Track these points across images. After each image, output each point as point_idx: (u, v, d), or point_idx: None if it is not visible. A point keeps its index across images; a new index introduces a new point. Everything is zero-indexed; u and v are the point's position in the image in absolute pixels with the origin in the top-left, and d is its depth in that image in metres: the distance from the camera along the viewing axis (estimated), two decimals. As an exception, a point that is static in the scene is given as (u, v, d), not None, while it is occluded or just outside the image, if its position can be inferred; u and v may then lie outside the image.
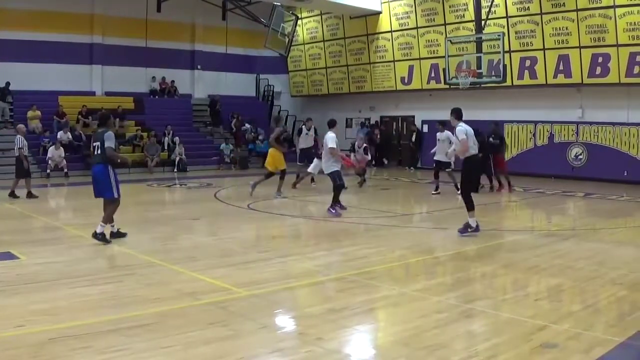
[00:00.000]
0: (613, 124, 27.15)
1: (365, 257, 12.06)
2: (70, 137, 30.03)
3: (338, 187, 17.17)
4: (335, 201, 17.23)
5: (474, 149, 14.14)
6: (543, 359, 6.68)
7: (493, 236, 14.86)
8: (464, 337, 7.48)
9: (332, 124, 18.22)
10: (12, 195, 20.24)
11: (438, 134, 22.36)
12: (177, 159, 32.35)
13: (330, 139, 17.43)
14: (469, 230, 14.04)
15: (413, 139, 33.98)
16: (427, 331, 7.55)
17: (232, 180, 28.73)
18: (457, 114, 14.42)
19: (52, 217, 17.00)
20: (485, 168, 21.09)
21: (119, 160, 13.75)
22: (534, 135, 29.69)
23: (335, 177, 17.17)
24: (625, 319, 8.18)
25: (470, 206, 14.06)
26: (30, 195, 20.30)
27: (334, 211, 16.99)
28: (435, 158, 22.38)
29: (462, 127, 14.02)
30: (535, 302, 9.00)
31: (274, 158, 21.56)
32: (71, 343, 6.92)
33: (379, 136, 36.35)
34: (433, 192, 22.16)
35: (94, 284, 9.47)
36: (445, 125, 22.47)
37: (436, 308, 8.62)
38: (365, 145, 25.22)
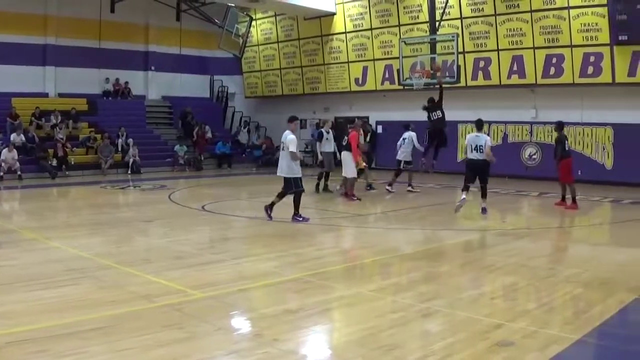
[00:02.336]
0: (567, 124, 27.35)
1: (321, 258, 12.06)
2: (24, 139, 29.66)
3: (298, 193, 16.43)
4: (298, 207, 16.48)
5: (471, 155, 17.43)
6: (499, 357, 6.69)
7: (448, 236, 14.94)
8: (420, 337, 7.50)
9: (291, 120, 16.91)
10: None
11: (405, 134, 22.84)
12: (131, 160, 32.10)
13: (292, 140, 16.14)
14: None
15: (367, 139, 34.06)
16: (383, 331, 7.54)
17: (186, 182, 28.64)
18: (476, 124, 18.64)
19: (5, 220, 16.81)
20: None
21: None
22: (488, 135, 29.84)
23: (298, 182, 16.45)
24: (580, 316, 8.24)
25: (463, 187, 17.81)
26: None
27: (300, 219, 16.30)
28: (398, 158, 23.32)
29: (468, 135, 18.53)
30: (490, 300, 9.05)
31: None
32: (28, 347, 6.84)
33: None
34: (391, 189, 22.58)
35: (49, 287, 9.38)
36: (409, 127, 22.94)
37: (392, 308, 8.63)
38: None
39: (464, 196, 17.43)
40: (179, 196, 22.62)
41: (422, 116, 24.36)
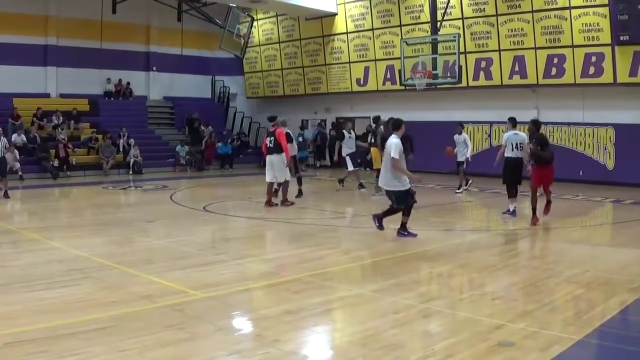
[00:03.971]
0: (569, 124, 27.39)
1: (321, 258, 12.06)
2: (25, 139, 29.64)
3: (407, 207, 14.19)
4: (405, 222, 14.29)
5: (511, 153, 17.28)
6: (500, 357, 6.69)
7: (449, 236, 14.96)
8: (421, 337, 7.50)
9: (396, 126, 14.50)
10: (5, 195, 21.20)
11: (456, 136, 22.58)
12: (132, 160, 32.12)
13: (394, 145, 13.83)
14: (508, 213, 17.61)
15: (370, 139, 33.96)
16: (384, 331, 7.54)
17: (188, 182, 28.63)
18: (511, 122, 18.59)
19: (7, 220, 16.81)
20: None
21: None
22: (490, 135, 29.88)
23: (402, 197, 14.04)
24: (582, 317, 8.23)
25: (509, 195, 17.64)
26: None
27: (405, 233, 14.19)
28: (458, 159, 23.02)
29: (505, 134, 18.34)
30: (491, 301, 9.03)
31: (377, 157, 21.87)
32: (28, 347, 6.84)
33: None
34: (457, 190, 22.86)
35: (50, 288, 9.38)
36: (462, 126, 22.82)
37: (393, 308, 8.61)
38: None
39: (513, 207, 17.65)
40: (181, 197, 22.60)
41: (425, 117, 24.39)
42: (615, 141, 26.36)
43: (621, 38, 24.66)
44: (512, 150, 17.28)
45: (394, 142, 13.86)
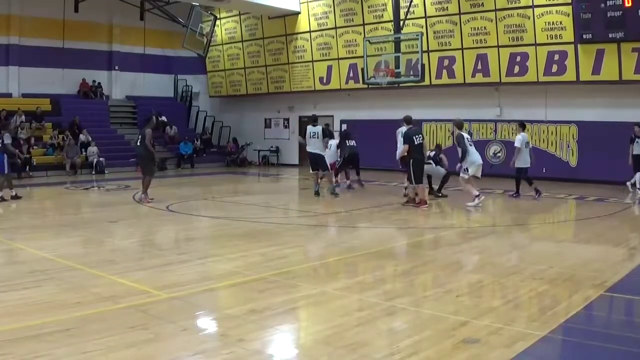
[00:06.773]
0: (531, 121, 27.53)
1: (286, 257, 12.03)
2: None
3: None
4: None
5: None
6: (465, 354, 6.69)
7: (413, 234, 14.97)
8: (386, 335, 7.49)
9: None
10: None
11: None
12: (95, 160, 31.91)
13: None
14: None
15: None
16: (348, 329, 7.53)
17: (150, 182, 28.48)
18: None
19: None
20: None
21: None
22: (453, 133, 29.96)
23: None
24: (546, 313, 8.25)
25: None
26: None
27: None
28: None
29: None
30: (456, 298, 9.04)
31: None
32: (-11, 350, 6.74)
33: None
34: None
35: (12, 289, 9.27)
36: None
37: (357, 306, 8.62)
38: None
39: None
40: (143, 196, 22.47)
41: (388, 115, 24.32)
42: (578, 138, 26.61)
43: (584, 36, 24.85)
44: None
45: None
